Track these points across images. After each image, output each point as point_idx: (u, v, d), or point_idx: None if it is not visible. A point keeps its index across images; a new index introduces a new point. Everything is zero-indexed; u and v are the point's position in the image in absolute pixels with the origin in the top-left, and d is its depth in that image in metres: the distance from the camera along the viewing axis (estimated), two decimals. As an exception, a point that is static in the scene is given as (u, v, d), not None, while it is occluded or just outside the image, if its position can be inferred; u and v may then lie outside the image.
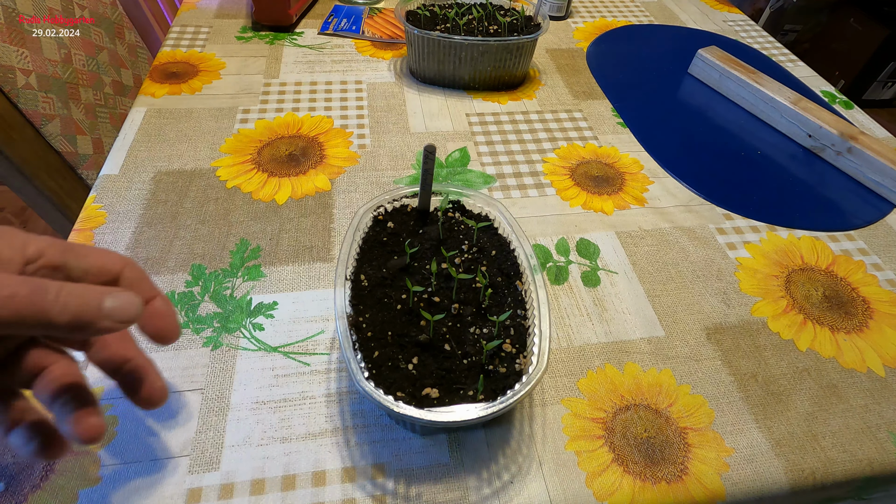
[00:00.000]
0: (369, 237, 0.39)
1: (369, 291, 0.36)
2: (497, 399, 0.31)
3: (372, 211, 0.41)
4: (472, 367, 0.33)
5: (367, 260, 0.37)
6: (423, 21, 0.69)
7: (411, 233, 0.40)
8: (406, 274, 0.37)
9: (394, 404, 0.30)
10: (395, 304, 0.36)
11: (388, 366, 0.32)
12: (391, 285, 0.36)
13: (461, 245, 0.40)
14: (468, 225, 0.41)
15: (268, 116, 0.64)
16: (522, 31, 0.68)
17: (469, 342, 0.34)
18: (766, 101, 0.68)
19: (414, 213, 0.42)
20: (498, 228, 0.42)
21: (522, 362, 0.34)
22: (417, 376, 0.32)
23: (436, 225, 0.41)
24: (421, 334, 0.34)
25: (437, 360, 0.33)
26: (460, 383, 0.32)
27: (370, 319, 0.34)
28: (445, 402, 0.31)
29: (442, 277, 0.37)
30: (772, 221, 0.56)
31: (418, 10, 0.71)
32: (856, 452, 0.39)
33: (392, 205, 0.42)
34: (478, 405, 0.31)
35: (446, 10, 0.70)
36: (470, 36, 0.65)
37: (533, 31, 0.68)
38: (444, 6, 0.72)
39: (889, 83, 2.10)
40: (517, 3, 0.73)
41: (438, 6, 0.72)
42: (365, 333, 0.34)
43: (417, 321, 0.35)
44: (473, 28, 0.68)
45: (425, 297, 0.36)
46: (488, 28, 0.68)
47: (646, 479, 0.36)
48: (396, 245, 0.39)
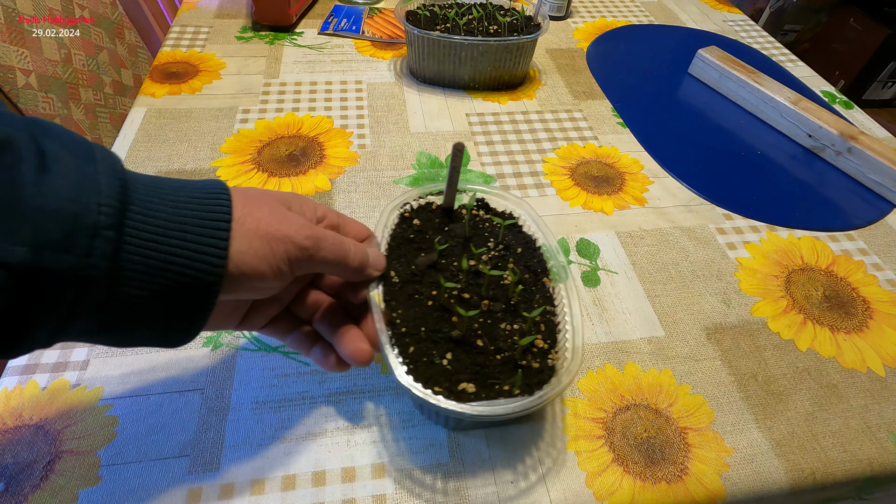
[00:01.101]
0: (396, 234, 0.40)
1: (400, 288, 0.36)
2: (535, 394, 0.32)
3: (399, 208, 0.41)
4: (506, 362, 0.34)
5: (396, 257, 0.38)
6: (423, 21, 0.69)
7: (437, 230, 0.41)
8: (434, 270, 0.38)
9: (435, 398, 0.31)
10: (426, 300, 0.36)
11: (424, 361, 0.33)
12: (421, 281, 0.37)
13: (487, 242, 0.41)
14: (493, 223, 0.42)
15: (268, 116, 0.64)
16: (522, 31, 0.68)
17: (500, 338, 0.35)
18: (766, 101, 0.68)
19: (439, 210, 0.42)
20: (522, 226, 0.42)
21: (554, 357, 0.34)
22: (452, 371, 0.33)
23: (461, 222, 0.42)
24: (453, 330, 0.34)
25: (470, 356, 0.34)
26: (495, 378, 0.33)
27: (403, 315, 0.35)
28: (482, 396, 0.32)
29: (470, 274, 0.38)
30: (772, 221, 0.56)
31: (418, 10, 0.71)
32: (856, 452, 0.39)
33: (418, 202, 0.42)
34: (522, 399, 0.31)
35: (446, 10, 0.70)
36: (470, 36, 0.65)
37: (533, 31, 0.68)
38: (444, 6, 0.72)
39: (889, 83, 2.10)
40: (517, 4, 0.73)
41: (438, 6, 0.72)
42: (399, 329, 0.34)
43: (449, 317, 0.35)
44: (473, 28, 0.68)
45: (455, 293, 0.36)
46: (488, 28, 0.68)
47: (646, 479, 0.36)
48: (423, 242, 0.40)
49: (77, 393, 0.38)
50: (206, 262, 0.24)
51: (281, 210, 0.29)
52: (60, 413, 0.37)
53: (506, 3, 0.73)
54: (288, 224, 0.28)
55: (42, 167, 0.21)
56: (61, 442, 0.35)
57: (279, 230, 0.27)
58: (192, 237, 0.24)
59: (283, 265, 0.27)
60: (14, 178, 0.20)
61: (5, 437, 0.35)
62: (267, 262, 0.27)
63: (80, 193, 0.21)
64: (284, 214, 0.29)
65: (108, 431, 0.36)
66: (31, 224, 0.20)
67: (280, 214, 0.28)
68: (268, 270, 0.27)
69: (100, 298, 0.22)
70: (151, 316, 0.24)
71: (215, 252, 0.25)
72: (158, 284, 0.23)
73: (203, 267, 0.24)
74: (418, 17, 0.70)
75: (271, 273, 0.27)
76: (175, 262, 0.24)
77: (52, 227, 0.20)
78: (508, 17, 0.70)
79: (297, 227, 0.28)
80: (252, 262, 0.26)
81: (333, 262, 0.30)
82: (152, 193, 0.24)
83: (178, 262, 0.24)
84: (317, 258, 0.29)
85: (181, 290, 0.24)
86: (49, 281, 0.21)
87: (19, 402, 0.37)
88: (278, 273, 0.27)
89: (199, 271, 0.24)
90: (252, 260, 0.26)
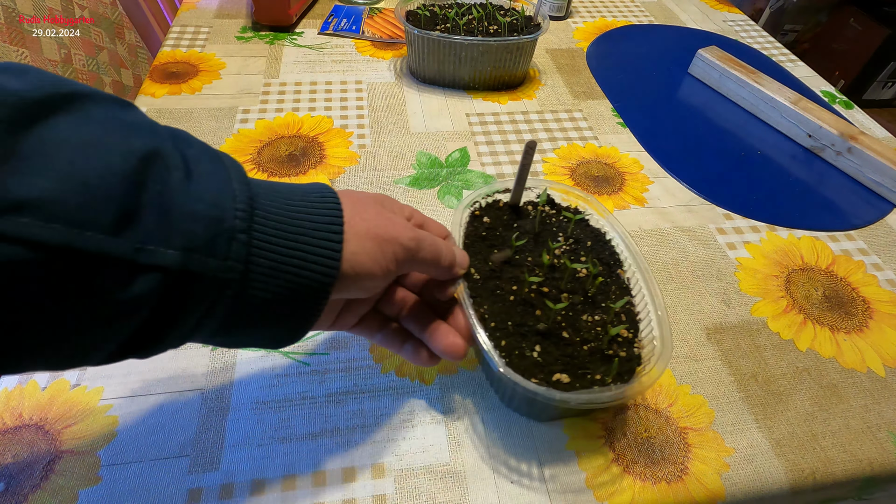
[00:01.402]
0: (469, 232, 0.41)
1: (482, 284, 0.37)
2: (632, 380, 0.33)
3: (469, 206, 0.42)
4: (594, 352, 0.35)
5: (472, 254, 0.39)
6: (423, 21, 0.69)
7: (506, 227, 0.42)
8: (510, 266, 0.39)
9: (544, 389, 0.32)
10: (508, 295, 0.37)
11: (516, 354, 0.34)
12: (500, 277, 0.38)
13: (556, 237, 0.42)
14: (559, 218, 0.44)
15: (268, 116, 0.64)
16: (522, 32, 0.68)
17: (584, 329, 0.36)
18: (766, 101, 0.68)
19: (506, 207, 0.44)
20: (589, 220, 0.44)
21: (639, 345, 0.36)
22: (544, 363, 0.34)
23: (528, 218, 0.43)
24: (539, 323, 0.36)
25: (558, 348, 0.35)
26: (585, 368, 0.34)
27: (489, 310, 0.36)
28: (576, 386, 0.33)
29: (546, 268, 0.39)
30: (772, 221, 0.56)
31: (418, 10, 0.71)
32: (856, 452, 0.39)
33: (486, 200, 0.44)
34: (622, 385, 0.33)
35: (446, 10, 0.70)
36: (470, 36, 0.65)
37: (533, 32, 0.68)
38: (443, 6, 0.72)
39: (889, 83, 2.10)
40: (517, 4, 0.73)
41: (438, 6, 0.72)
42: (488, 324, 0.35)
43: (532, 311, 0.37)
44: (473, 28, 0.68)
45: (534, 287, 0.38)
46: (488, 28, 0.68)
47: (646, 479, 0.36)
48: (495, 239, 0.41)
49: (77, 393, 0.38)
50: (322, 265, 0.25)
51: (384, 212, 0.30)
52: (60, 413, 0.37)
53: (506, 3, 0.73)
54: (394, 226, 0.29)
55: (188, 174, 0.22)
56: (61, 442, 0.35)
57: (388, 232, 0.29)
58: (310, 239, 0.25)
59: (391, 265, 0.29)
60: (166, 186, 0.21)
61: (5, 437, 0.35)
62: (377, 262, 0.28)
63: (220, 199, 0.22)
64: (389, 217, 0.30)
65: (108, 431, 0.36)
66: (182, 228, 0.21)
67: (385, 216, 0.29)
68: (378, 270, 0.28)
69: (230, 300, 0.23)
70: (269, 316, 0.25)
71: (331, 254, 0.26)
72: (279, 286, 0.24)
73: (320, 269, 0.25)
74: (418, 17, 0.70)
75: (381, 272, 0.28)
76: (294, 263, 0.24)
77: (199, 231, 0.21)
78: (508, 17, 0.70)
79: (402, 229, 0.30)
80: (365, 263, 0.27)
81: (431, 261, 0.32)
82: (271, 198, 0.25)
83: (297, 265, 0.25)
84: (418, 258, 0.30)
85: (299, 290, 0.25)
86: (196, 283, 0.21)
87: (19, 402, 0.37)
88: (387, 273, 0.29)
89: (317, 272, 0.25)
90: (365, 260, 0.27)
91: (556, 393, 0.32)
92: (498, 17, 0.69)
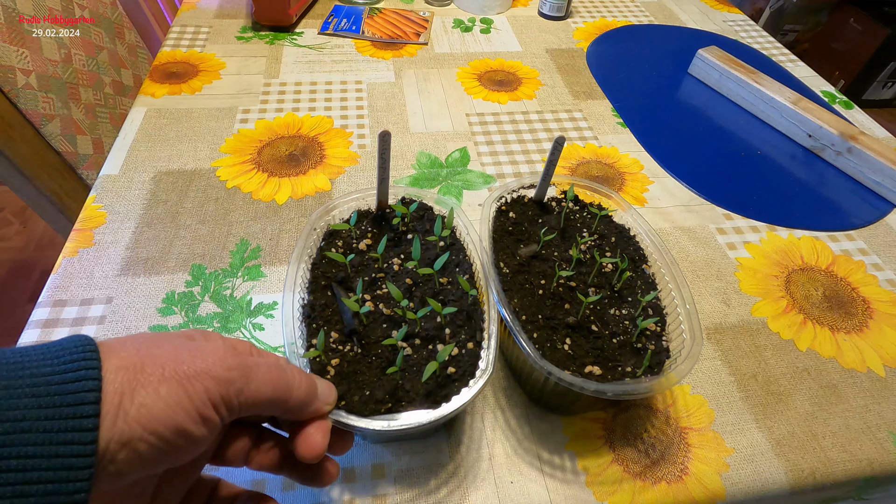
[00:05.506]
0: (497, 227, 0.41)
1: (511, 277, 0.38)
2: (661, 372, 0.34)
3: (496, 201, 0.43)
4: (623, 345, 0.35)
5: (501, 248, 0.39)
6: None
7: (532, 222, 0.43)
8: (537, 261, 0.40)
9: (581, 380, 0.32)
10: (537, 289, 0.38)
11: (548, 346, 0.34)
12: (528, 271, 0.39)
13: (580, 233, 0.42)
14: (583, 213, 0.44)
15: (268, 116, 0.64)
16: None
17: (612, 322, 0.36)
18: (766, 101, 0.68)
19: (531, 203, 0.44)
20: (612, 216, 0.44)
21: (668, 338, 0.36)
22: (574, 355, 0.34)
23: (552, 214, 0.44)
24: (568, 316, 0.36)
25: (588, 341, 0.35)
26: (615, 361, 0.34)
27: (519, 304, 0.36)
28: (608, 378, 0.33)
29: (572, 263, 0.40)
30: (772, 221, 0.56)
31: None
32: (856, 452, 0.39)
33: (511, 195, 0.44)
34: (655, 377, 0.33)
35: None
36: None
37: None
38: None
39: (889, 83, 2.10)
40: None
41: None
42: (519, 317, 0.35)
43: (561, 304, 0.37)
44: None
45: (562, 281, 0.38)
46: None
47: (646, 479, 0.36)
48: (520, 234, 0.42)
49: (77, 393, 0.38)
50: (65, 455, 0.19)
51: (187, 344, 0.24)
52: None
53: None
54: (202, 356, 0.23)
55: None
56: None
57: (192, 366, 0.22)
58: (43, 423, 0.19)
59: (205, 409, 0.22)
60: None
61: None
62: (183, 409, 0.21)
63: None
64: (196, 346, 0.24)
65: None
66: None
67: (190, 347, 0.23)
68: (187, 420, 0.21)
69: None
70: None
71: (78, 437, 0.19)
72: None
73: (59, 463, 0.19)
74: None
75: (192, 423, 0.22)
76: (15, 468, 0.18)
77: None
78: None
79: (216, 358, 0.23)
80: (163, 415, 0.21)
81: (271, 396, 0.24)
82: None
83: (20, 468, 0.18)
84: (248, 392, 0.24)
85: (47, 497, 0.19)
86: None
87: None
88: (203, 420, 0.22)
89: (55, 469, 0.18)
90: (162, 412, 0.21)
91: (591, 384, 0.32)
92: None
